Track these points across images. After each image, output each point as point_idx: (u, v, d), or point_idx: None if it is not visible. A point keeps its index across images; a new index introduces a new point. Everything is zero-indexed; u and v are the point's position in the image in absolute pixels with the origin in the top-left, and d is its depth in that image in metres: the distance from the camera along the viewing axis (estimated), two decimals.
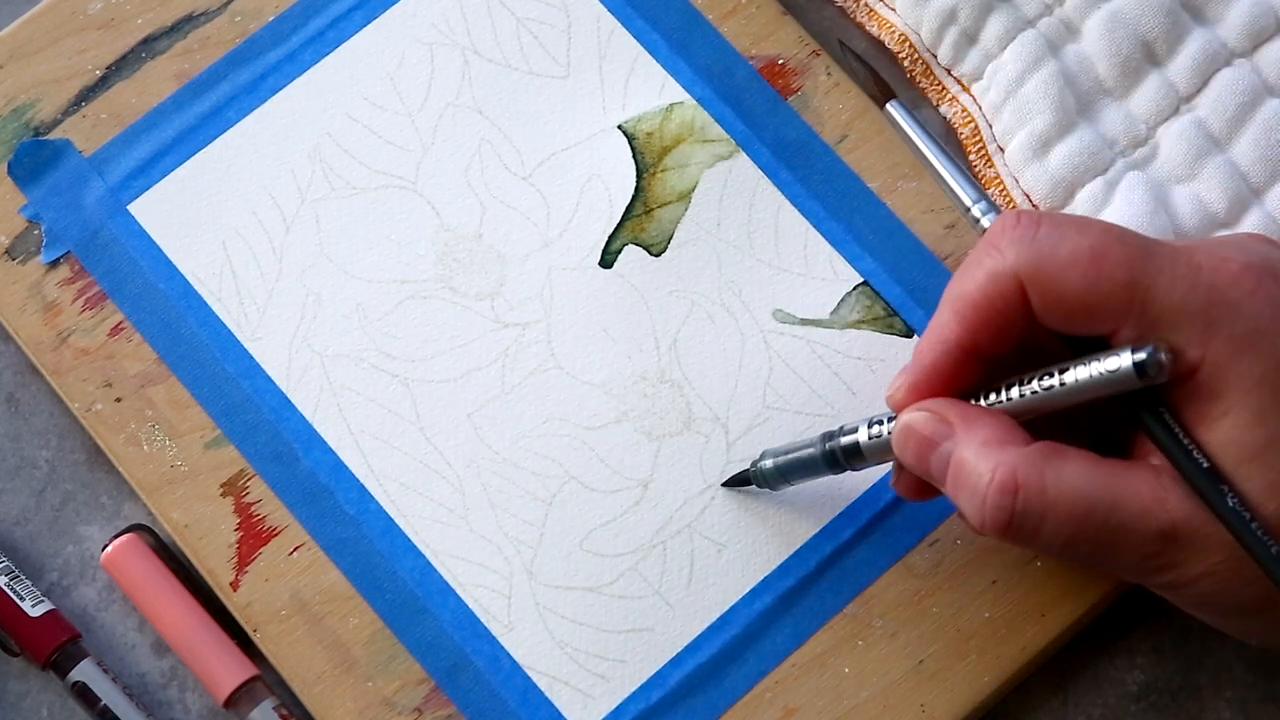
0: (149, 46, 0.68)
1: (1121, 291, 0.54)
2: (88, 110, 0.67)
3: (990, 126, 0.67)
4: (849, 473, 0.61)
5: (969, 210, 0.60)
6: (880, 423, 0.59)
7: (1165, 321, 0.54)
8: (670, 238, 0.66)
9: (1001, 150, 0.67)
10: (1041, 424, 0.56)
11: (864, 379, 0.64)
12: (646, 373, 0.65)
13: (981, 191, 0.60)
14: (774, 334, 0.65)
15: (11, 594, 0.63)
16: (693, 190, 0.66)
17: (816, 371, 0.65)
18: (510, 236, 0.66)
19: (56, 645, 0.63)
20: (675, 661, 0.62)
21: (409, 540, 0.63)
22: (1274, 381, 0.53)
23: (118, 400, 0.64)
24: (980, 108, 0.67)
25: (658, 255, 0.66)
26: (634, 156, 0.67)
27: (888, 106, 0.62)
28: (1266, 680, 0.63)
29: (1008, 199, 0.67)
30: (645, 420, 0.64)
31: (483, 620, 0.62)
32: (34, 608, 0.63)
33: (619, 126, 0.67)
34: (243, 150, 0.67)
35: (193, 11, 0.68)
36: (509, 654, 0.62)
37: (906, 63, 0.68)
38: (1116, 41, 0.66)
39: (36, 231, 0.66)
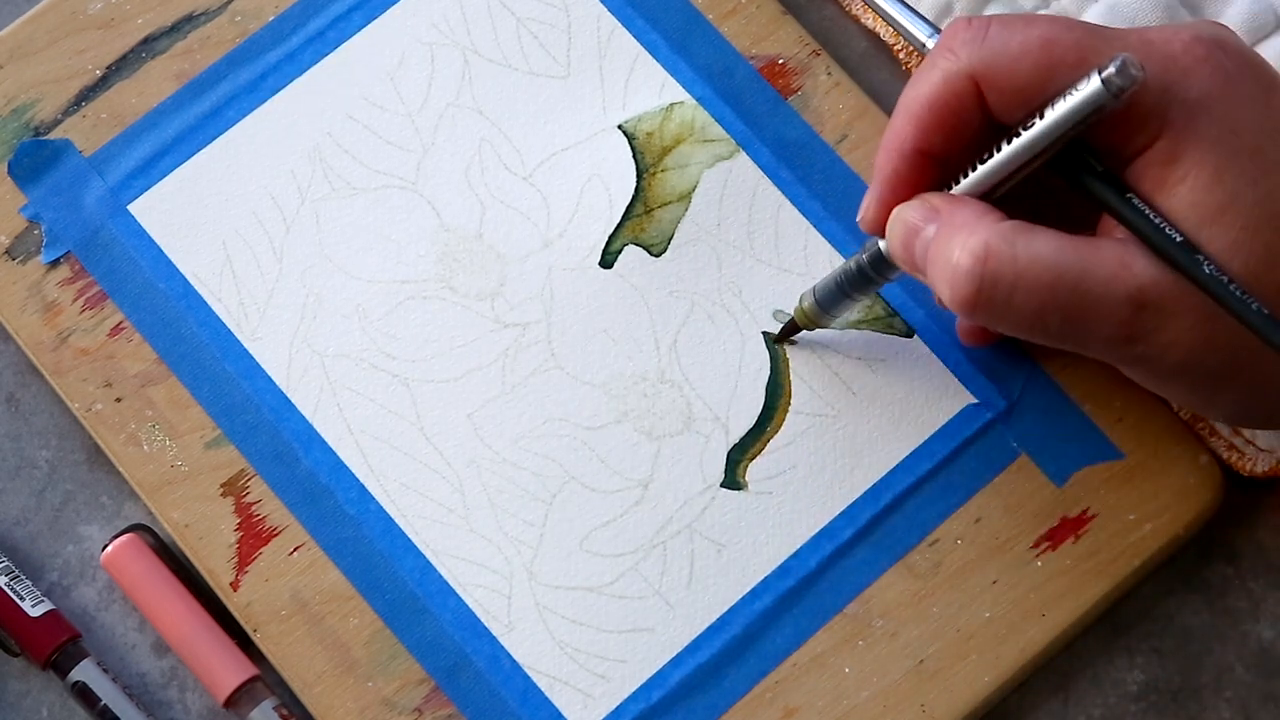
0: (149, 46, 0.68)
1: (1075, 74, 0.55)
2: (88, 110, 0.67)
3: None
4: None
5: (924, 46, 0.64)
6: None
7: None
8: (670, 238, 0.66)
9: None
10: (1011, 216, 0.57)
11: (864, 378, 0.64)
12: (647, 373, 0.65)
13: (935, 27, 0.65)
14: (774, 334, 0.65)
15: (11, 594, 0.63)
16: (693, 190, 0.66)
17: (817, 371, 0.65)
18: (510, 236, 0.66)
19: (57, 645, 0.63)
20: (675, 661, 0.62)
21: (409, 540, 0.63)
22: (1228, 143, 0.54)
23: (118, 400, 0.64)
24: None
25: (658, 255, 0.66)
26: (634, 156, 0.67)
27: None
28: (1266, 680, 0.63)
29: None
30: (645, 420, 0.64)
31: (483, 620, 0.62)
32: (34, 608, 0.63)
33: (619, 126, 0.67)
34: (243, 150, 0.67)
35: (193, 11, 0.68)
36: (509, 654, 0.62)
37: (902, 55, 0.68)
38: None
39: (36, 231, 0.66)
